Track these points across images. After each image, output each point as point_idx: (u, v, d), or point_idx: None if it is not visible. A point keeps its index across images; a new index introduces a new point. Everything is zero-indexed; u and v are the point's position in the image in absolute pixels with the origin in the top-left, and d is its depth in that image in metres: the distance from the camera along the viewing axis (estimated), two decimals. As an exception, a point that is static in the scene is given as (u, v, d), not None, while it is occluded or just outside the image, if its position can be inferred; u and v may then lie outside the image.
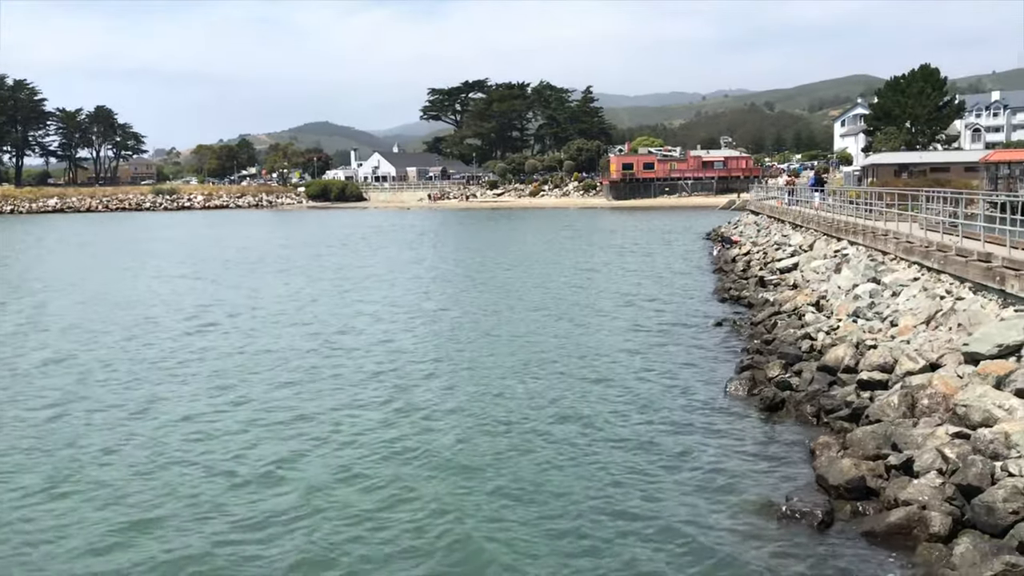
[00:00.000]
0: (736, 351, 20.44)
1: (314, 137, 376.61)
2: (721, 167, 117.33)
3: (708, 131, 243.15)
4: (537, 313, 27.06)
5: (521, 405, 16.18)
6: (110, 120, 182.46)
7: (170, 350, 21.82)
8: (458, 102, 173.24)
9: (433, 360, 20.29)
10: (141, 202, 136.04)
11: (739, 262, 37.03)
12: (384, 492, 11.82)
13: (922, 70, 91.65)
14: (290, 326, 25.29)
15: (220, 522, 10.90)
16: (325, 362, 20.09)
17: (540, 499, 11.47)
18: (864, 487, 11.07)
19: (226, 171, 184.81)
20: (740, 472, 12.33)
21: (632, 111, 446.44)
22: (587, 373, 18.69)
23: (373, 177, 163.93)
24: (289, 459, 13.23)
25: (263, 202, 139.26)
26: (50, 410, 16.19)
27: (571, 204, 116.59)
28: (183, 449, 13.78)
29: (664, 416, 15.22)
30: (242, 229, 79.34)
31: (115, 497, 11.81)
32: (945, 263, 18.39)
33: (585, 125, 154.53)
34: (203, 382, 18.31)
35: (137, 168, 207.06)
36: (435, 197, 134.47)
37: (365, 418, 15.36)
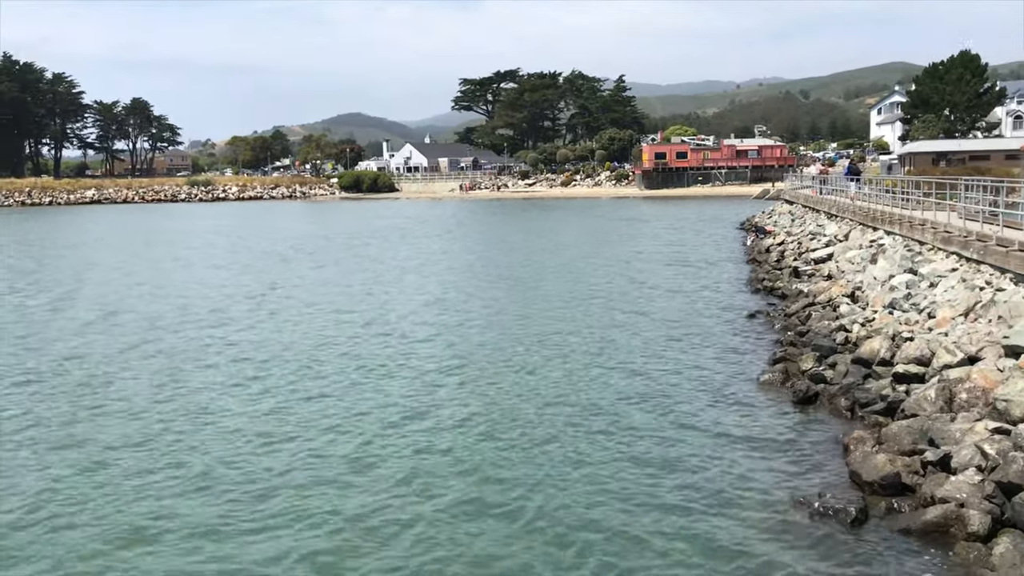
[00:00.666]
0: (769, 343, 20.16)
1: (347, 128, 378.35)
2: (755, 156, 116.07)
3: (742, 120, 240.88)
4: (569, 304, 26.88)
5: (551, 396, 16.05)
6: (146, 112, 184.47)
7: (202, 341, 21.98)
8: (490, 92, 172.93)
9: (465, 352, 20.22)
10: (176, 193, 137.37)
11: (773, 252, 36.57)
12: (399, 488, 11.76)
13: (961, 56, 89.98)
14: (354, 319, 25.36)
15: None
16: (367, 352, 20.11)
17: (567, 491, 11.34)
18: (899, 484, 10.82)
19: (260, 162, 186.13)
20: (771, 467, 12.11)
21: (665, 100, 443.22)
22: (617, 364, 18.51)
23: (405, 168, 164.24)
24: (313, 454, 13.21)
25: (296, 193, 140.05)
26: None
27: (603, 194, 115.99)
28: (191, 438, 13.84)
29: (695, 408, 15.02)
30: (281, 221, 79.73)
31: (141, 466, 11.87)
32: (985, 253, 17.96)
33: (617, 114, 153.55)
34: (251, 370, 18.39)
35: (173, 160, 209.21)
36: (466, 188, 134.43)
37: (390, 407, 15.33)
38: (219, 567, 9.54)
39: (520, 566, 9.41)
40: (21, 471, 12.57)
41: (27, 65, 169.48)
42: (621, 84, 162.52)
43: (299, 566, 9.52)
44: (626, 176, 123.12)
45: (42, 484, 12.01)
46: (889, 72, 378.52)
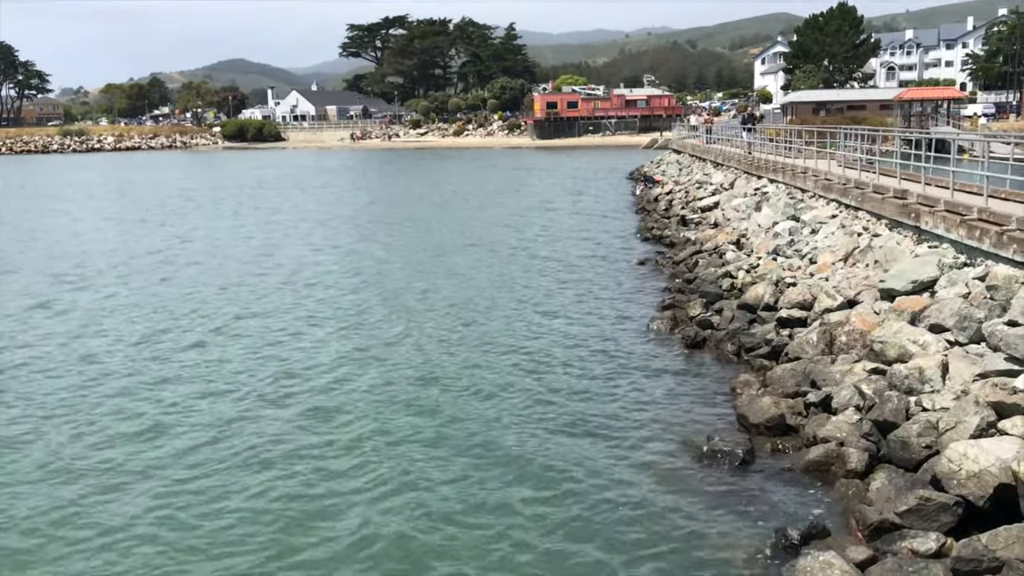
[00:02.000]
0: (658, 290, 20.50)
1: (229, 75, 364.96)
2: (644, 106, 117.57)
3: (631, 69, 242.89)
4: (462, 253, 26.71)
5: (442, 347, 15.90)
6: (11, 57, 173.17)
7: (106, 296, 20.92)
8: (378, 39, 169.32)
9: (360, 301, 19.85)
10: (48, 144, 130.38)
11: (661, 201, 37.14)
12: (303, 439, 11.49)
13: (840, 8, 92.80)
14: (262, 272, 24.47)
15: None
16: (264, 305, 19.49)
17: (453, 442, 11.26)
18: (784, 425, 11.16)
19: (137, 111, 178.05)
20: (660, 411, 12.32)
21: (556, 49, 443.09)
22: (507, 311, 18.49)
23: (292, 116, 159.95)
24: (241, 417, 12.76)
25: (177, 143, 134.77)
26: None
27: (496, 144, 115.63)
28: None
29: (585, 355, 15.14)
30: (165, 172, 76.38)
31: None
32: (862, 200, 18.59)
33: (508, 63, 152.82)
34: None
35: (43, 108, 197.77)
36: (356, 137, 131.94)
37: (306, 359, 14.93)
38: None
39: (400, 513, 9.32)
40: None
41: None
42: (512, 32, 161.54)
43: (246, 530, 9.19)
44: (518, 126, 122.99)
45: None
46: (772, 23, 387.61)
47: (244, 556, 8.61)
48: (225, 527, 9.20)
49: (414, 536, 8.93)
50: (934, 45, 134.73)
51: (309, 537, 8.95)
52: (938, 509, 8.10)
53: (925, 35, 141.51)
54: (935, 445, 9.13)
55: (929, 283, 12.89)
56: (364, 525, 9.15)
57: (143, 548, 8.79)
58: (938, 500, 8.14)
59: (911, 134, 24.29)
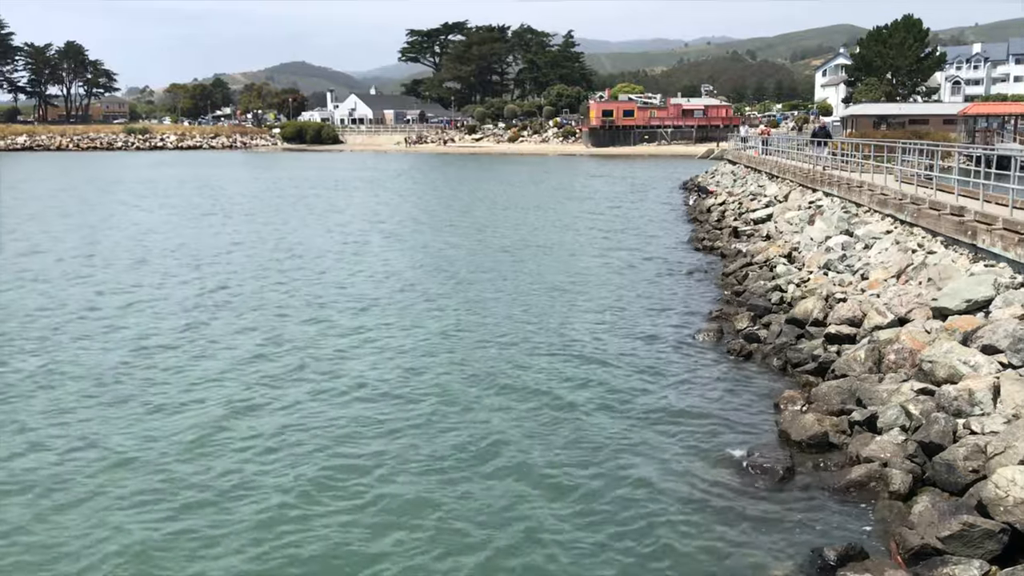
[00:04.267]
0: (706, 301, 20.28)
1: (290, 77, 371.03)
2: (701, 116, 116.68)
3: (690, 79, 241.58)
4: (514, 255, 26.74)
5: (490, 347, 15.94)
6: (81, 56, 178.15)
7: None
8: (437, 44, 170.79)
9: (402, 301, 19.99)
10: (113, 141, 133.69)
11: (714, 212, 36.79)
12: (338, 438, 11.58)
13: (905, 21, 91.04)
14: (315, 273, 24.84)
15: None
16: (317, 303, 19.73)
17: (497, 448, 11.24)
18: (827, 443, 10.94)
19: (200, 111, 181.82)
20: (702, 424, 12.16)
21: (614, 57, 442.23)
22: (555, 318, 18.44)
23: (350, 119, 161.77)
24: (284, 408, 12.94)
25: (237, 143, 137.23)
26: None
27: (550, 151, 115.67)
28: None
29: (629, 364, 15.03)
30: (232, 171, 77.57)
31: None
32: (918, 216, 18.20)
33: (566, 70, 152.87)
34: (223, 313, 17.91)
35: (109, 106, 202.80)
36: (412, 141, 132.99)
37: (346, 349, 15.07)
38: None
39: (434, 519, 9.32)
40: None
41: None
42: (570, 40, 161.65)
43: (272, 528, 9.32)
44: (573, 133, 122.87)
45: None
46: (835, 34, 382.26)
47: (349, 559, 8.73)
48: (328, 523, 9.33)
49: (448, 541, 8.93)
50: (1003, 59, 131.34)
51: (372, 538, 9.01)
52: (983, 536, 7.86)
53: (993, 49, 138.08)
54: (982, 470, 8.87)
55: (984, 303, 12.56)
56: (394, 514, 9.19)
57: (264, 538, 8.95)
58: (983, 526, 7.89)
59: (972, 150, 23.73)
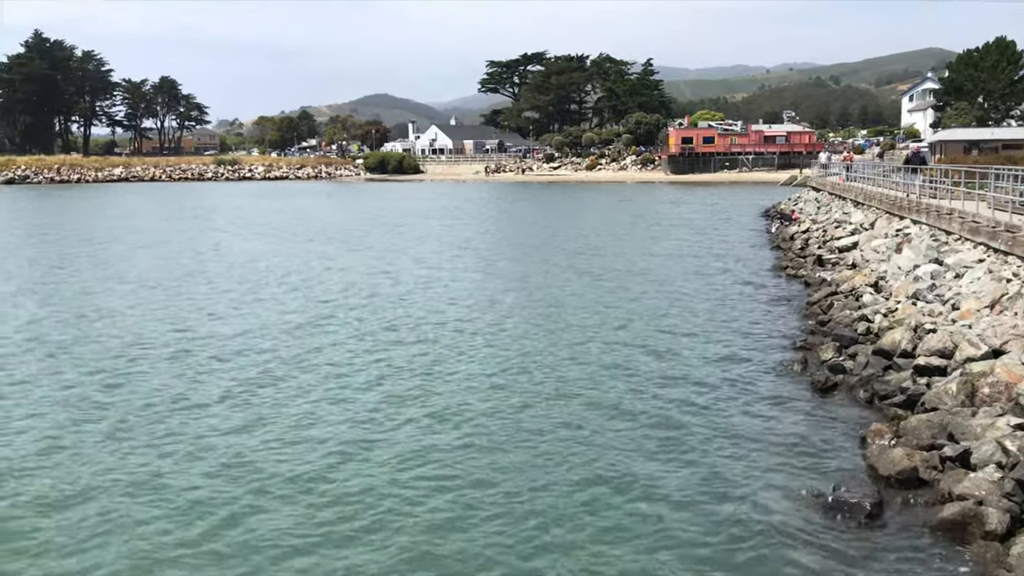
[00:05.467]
0: (790, 330, 19.87)
1: (374, 109, 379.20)
2: (783, 142, 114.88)
3: (771, 105, 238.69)
4: (593, 284, 26.65)
5: (570, 374, 15.93)
6: (174, 91, 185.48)
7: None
8: (516, 74, 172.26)
9: (502, 324, 20.41)
10: (203, 172, 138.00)
11: (797, 240, 36.11)
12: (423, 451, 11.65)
13: (997, 43, 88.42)
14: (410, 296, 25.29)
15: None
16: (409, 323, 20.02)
17: (566, 476, 11.16)
18: (917, 479, 10.56)
19: (287, 143, 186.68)
20: (786, 457, 11.87)
21: (693, 84, 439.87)
22: (634, 346, 18.27)
23: (430, 150, 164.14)
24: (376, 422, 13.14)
25: (322, 174, 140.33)
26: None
27: (628, 178, 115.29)
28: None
29: (710, 394, 14.79)
30: (318, 201, 79.15)
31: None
32: (1013, 244, 17.54)
33: (644, 98, 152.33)
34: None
35: (200, 138, 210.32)
36: (491, 170, 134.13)
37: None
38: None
39: (513, 555, 9.27)
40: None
41: (57, 43, 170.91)
42: (649, 68, 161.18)
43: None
44: (652, 160, 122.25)
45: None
46: (922, 58, 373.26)
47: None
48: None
49: (518, 550, 8.90)
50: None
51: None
52: (1087, 580, 7.47)
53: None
54: (1086, 510, 8.44)
55: (1085, 335, 12.00)
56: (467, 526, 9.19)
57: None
58: (1087, 570, 7.51)
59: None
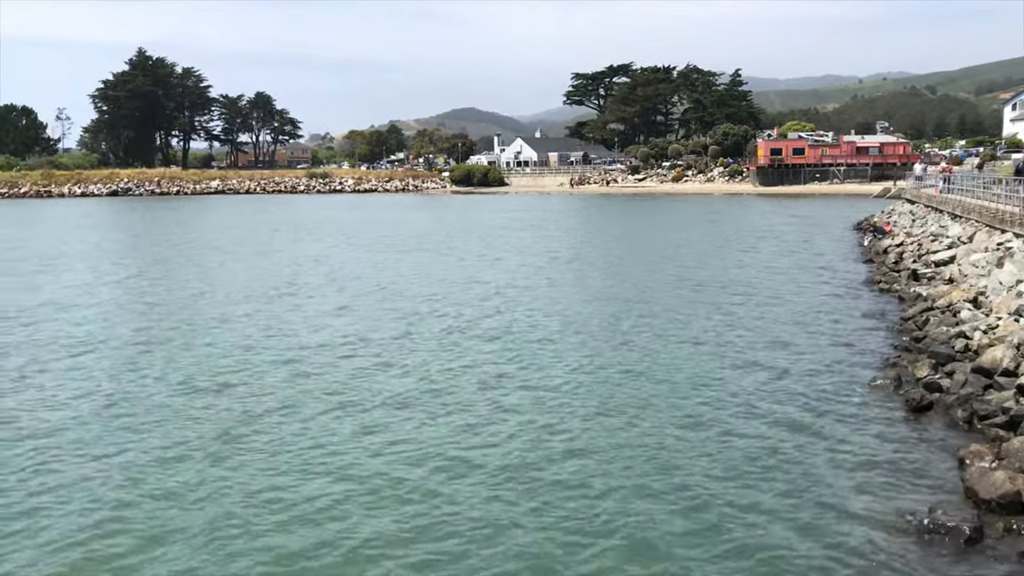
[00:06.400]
0: (883, 346, 19.28)
1: (460, 123, 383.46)
2: (876, 153, 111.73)
3: (864, 115, 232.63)
4: (684, 298, 26.37)
5: (655, 384, 15.79)
6: (269, 106, 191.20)
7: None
8: (602, 86, 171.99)
9: (590, 334, 20.54)
10: (296, 185, 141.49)
11: (891, 253, 35.05)
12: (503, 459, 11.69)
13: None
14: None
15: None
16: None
17: (651, 495, 11.03)
18: (1020, 503, 10.11)
19: (375, 156, 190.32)
20: (878, 478, 11.51)
21: (783, 95, 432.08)
22: (723, 361, 18.00)
23: (515, 162, 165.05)
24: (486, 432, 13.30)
25: (409, 186, 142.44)
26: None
27: (715, 190, 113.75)
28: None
29: (799, 411, 14.45)
30: (409, 213, 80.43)
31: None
32: (1125, 259, 16.68)
33: (732, 109, 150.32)
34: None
35: (293, 152, 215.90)
36: (575, 182, 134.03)
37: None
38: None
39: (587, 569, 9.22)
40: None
41: (159, 60, 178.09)
42: (737, 78, 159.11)
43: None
44: (740, 172, 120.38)
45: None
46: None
47: None
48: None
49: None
50: None
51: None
52: None
53: None
54: None
55: None
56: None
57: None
58: None
59: None
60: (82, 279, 32.78)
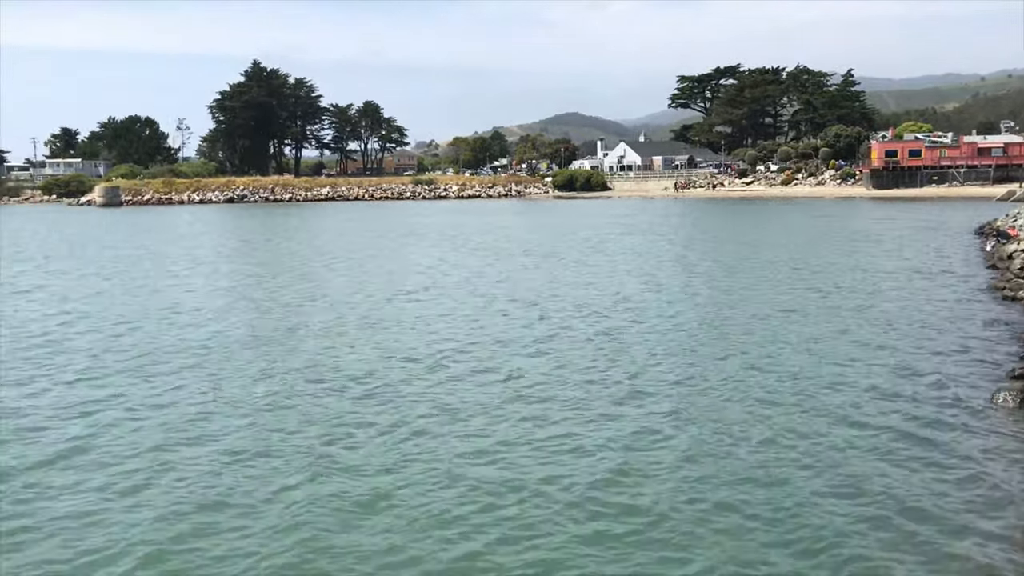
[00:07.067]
0: (1008, 357, 18.34)
1: (563, 128, 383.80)
2: (1000, 154, 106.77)
3: (986, 115, 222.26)
4: (795, 298, 25.74)
5: (764, 393, 15.45)
6: (377, 114, 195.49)
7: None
8: (708, 89, 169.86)
9: (719, 337, 20.28)
10: (402, 192, 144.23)
11: (1016, 259, 33.35)
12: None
13: None
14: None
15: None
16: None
17: (754, 507, 10.78)
18: None
19: (479, 162, 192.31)
20: (1003, 498, 10.92)
21: (899, 95, 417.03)
22: (834, 368, 17.46)
23: (618, 166, 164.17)
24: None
25: (512, 192, 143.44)
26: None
27: (826, 193, 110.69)
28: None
29: (916, 424, 13.84)
30: (513, 219, 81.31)
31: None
32: None
33: (844, 111, 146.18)
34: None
35: (400, 159, 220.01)
36: (680, 186, 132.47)
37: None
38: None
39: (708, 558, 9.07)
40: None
41: (273, 71, 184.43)
42: (850, 79, 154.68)
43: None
44: (852, 175, 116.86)
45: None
46: None
47: None
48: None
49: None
50: None
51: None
52: None
53: None
54: None
55: None
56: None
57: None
58: None
59: None
60: (218, 283, 33.99)
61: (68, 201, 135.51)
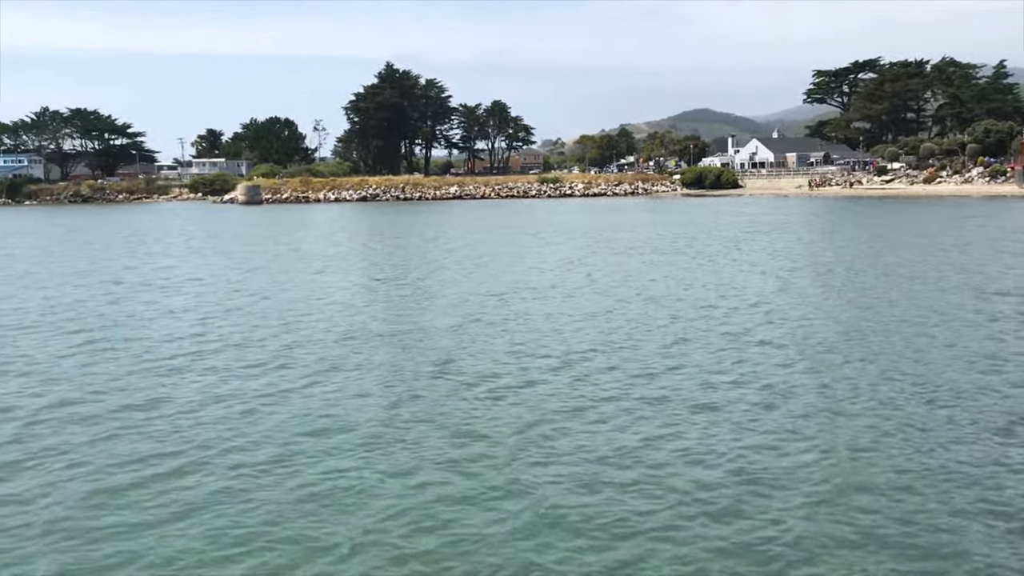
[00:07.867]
0: None
1: (693, 124, 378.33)
2: None
3: None
4: (945, 302, 24.43)
5: (869, 398, 14.70)
6: (504, 114, 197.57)
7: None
8: (845, 83, 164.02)
9: (862, 344, 19.26)
10: (528, 190, 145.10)
11: None
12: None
13: None
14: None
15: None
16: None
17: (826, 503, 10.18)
18: None
19: (605, 160, 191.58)
20: None
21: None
22: (948, 379, 16.41)
23: (750, 163, 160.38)
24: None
25: (638, 190, 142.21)
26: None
27: (973, 192, 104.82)
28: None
29: (1001, 439, 12.84)
30: (643, 216, 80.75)
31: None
32: None
33: (995, 104, 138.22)
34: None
35: (526, 158, 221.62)
36: (815, 184, 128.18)
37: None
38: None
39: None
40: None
41: (405, 73, 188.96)
42: (1002, 70, 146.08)
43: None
44: (1003, 172, 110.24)
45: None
46: None
47: None
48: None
49: None
50: None
51: None
52: None
53: None
54: None
55: None
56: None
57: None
58: None
59: None
60: (358, 280, 34.95)
61: (213, 199, 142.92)
